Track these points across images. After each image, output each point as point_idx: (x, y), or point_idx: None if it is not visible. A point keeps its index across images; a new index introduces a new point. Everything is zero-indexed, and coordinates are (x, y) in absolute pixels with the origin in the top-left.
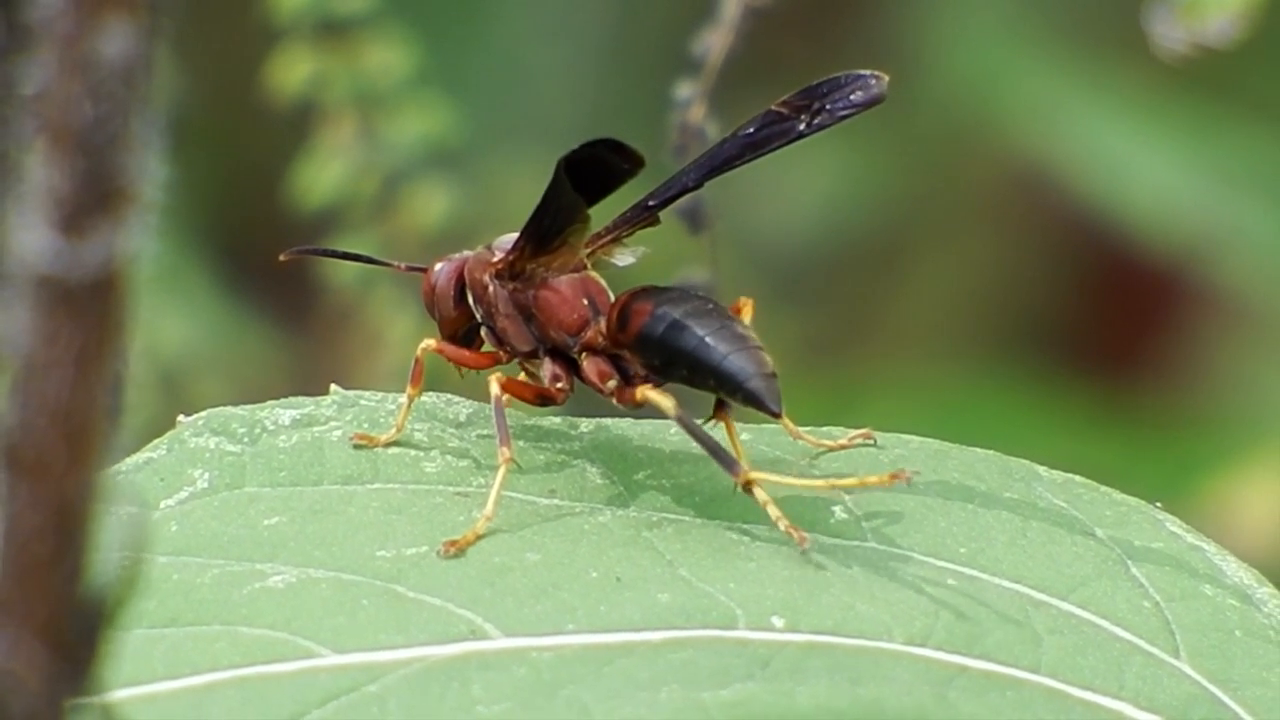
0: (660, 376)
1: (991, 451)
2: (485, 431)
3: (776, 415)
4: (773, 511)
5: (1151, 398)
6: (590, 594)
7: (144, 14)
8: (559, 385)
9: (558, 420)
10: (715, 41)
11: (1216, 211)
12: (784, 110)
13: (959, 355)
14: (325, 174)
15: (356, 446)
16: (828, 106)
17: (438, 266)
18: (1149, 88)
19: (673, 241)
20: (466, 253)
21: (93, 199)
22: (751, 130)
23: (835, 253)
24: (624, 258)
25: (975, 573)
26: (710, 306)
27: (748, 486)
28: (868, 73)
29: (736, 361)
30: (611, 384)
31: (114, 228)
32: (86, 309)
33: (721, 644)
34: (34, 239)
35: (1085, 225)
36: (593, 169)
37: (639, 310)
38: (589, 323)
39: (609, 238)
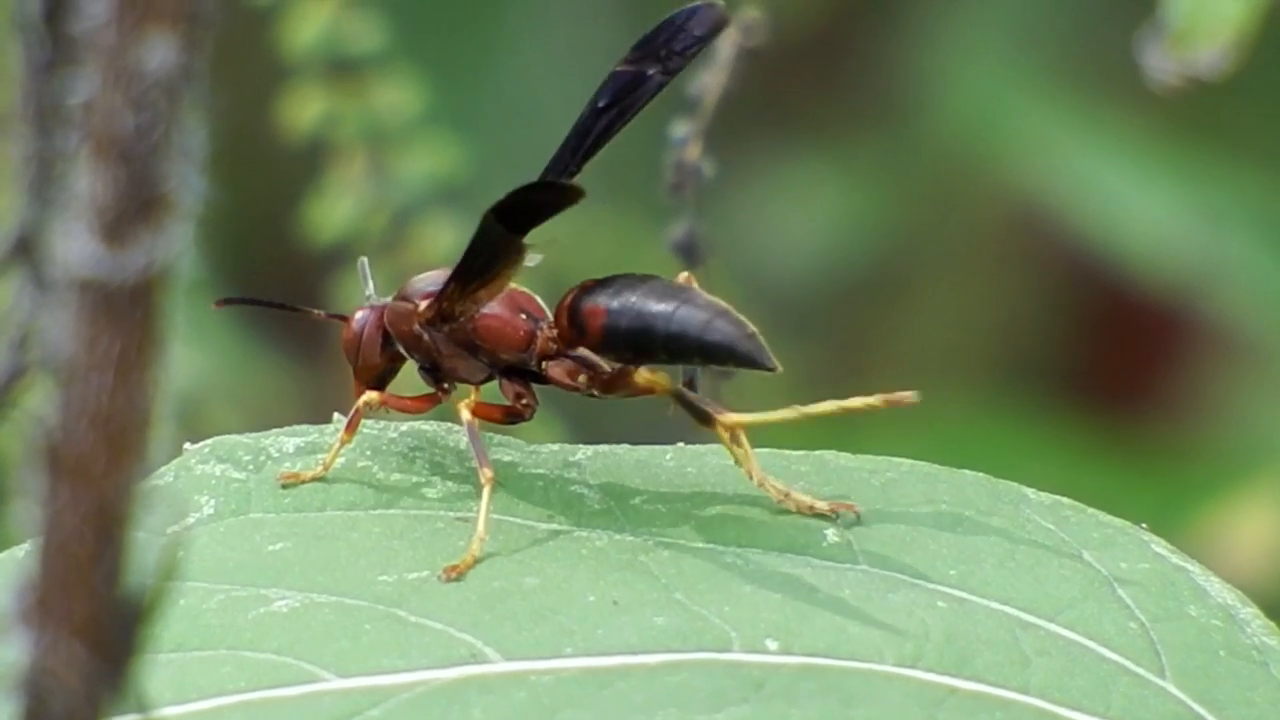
0: (633, 364)
1: (980, 474)
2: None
3: (774, 369)
4: (756, 472)
5: (1147, 429)
6: (588, 618)
7: (185, 27)
8: (523, 401)
9: (555, 447)
10: (711, 82)
11: (1210, 247)
12: (630, 69)
13: (959, 388)
14: (336, 210)
15: (284, 486)
16: (675, 48)
17: (359, 315)
18: (1145, 127)
19: (668, 274)
20: (383, 299)
21: (133, 207)
22: (606, 101)
23: (836, 286)
24: (531, 258)
25: (964, 595)
26: (658, 282)
27: (735, 435)
28: (700, 3)
29: (719, 329)
30: (582, 379)
31: (154, 235)
32: (126, 314)
33: (716, 666)
34: (76, 246)
35: (1082, 260)
36: (522, 204)
37: (592, 311)
38: (535, 333)
39: None
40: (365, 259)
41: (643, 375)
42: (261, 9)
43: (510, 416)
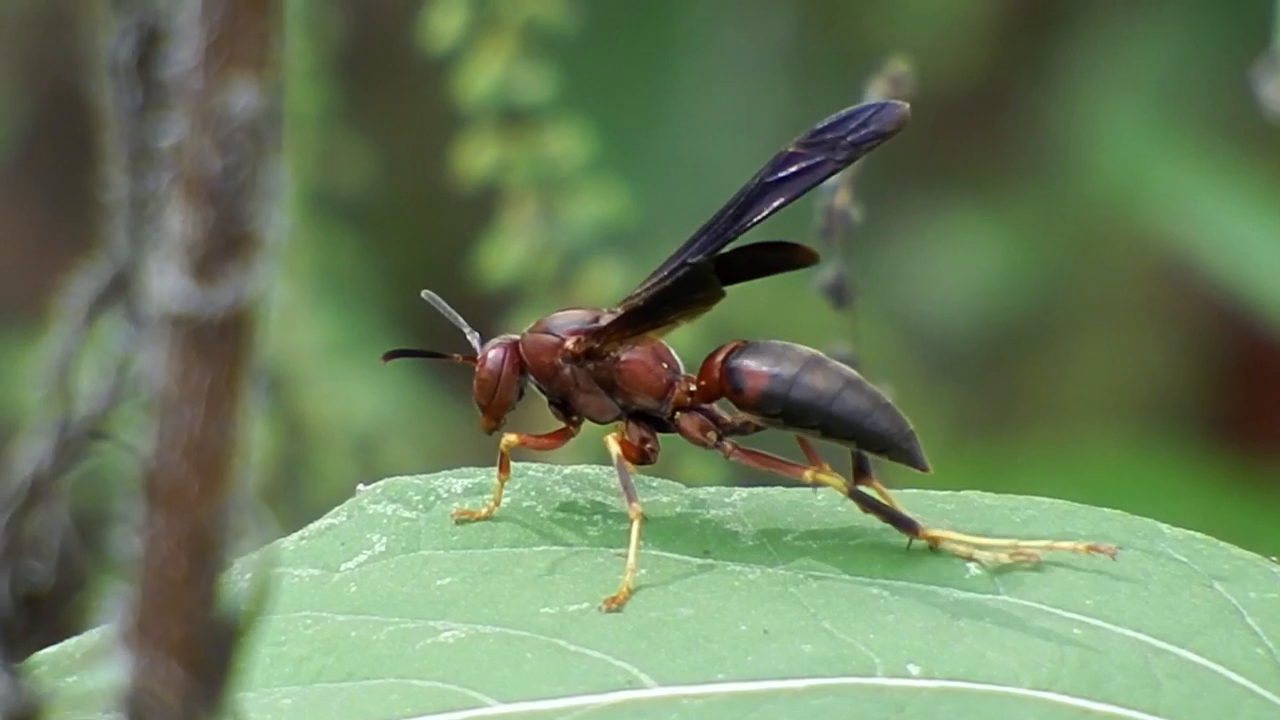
0: (776, 429)
1: (1116, 511)
2: (642, 499)
3: (926, 470)
4: (979, 557)
5: None
6: (739, 645)
7: (268, 71)
8: (648, 446)
9: (712, 489)
10: None
11: None
12: (803, 151)
13: (1104, 430)
14: (508, 253)
15: (459, 521)
16: (849, 139)
17: (492, 354)
18: None
19: (816, 316)
20: (510, 336)
21: (222, 245)
22: (774, 179)
23: (987, 333)
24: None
25: (1099, 623)
26: (817, 356)
27: (934, 542)
28: (884, 100)
29: (881, 423)
30: (711, 436)
31: (241, 272)
32: (216, 348)
33: (860, 690)
34: (167, 283)
35: (1223, 309)
36: (751, 262)
37: (754, 374)
38: (674, 383)
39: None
40: (430, 291)
41: (820, 474)
42: (439, 61)
43: (642, 458)
